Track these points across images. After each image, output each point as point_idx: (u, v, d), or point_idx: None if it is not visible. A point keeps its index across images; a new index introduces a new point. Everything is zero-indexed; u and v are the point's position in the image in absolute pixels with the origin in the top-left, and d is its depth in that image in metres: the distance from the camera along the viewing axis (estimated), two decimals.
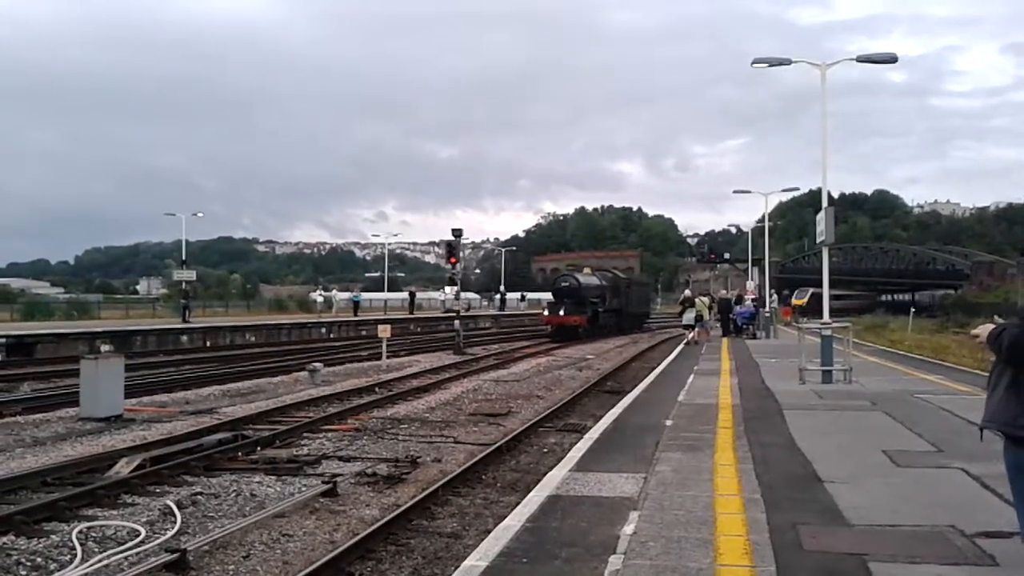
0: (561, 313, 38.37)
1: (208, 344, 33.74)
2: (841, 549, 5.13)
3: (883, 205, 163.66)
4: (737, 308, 35.36)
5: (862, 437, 9.42)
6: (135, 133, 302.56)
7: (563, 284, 40.79)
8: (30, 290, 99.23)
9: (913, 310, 51.71)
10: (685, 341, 30.19)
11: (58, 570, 6.58)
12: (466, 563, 5.00)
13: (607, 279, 44.26)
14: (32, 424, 13.56)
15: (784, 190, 50.92)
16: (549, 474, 7.80)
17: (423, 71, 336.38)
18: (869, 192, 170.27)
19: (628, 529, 5.60)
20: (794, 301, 78.25)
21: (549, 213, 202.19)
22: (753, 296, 37.61)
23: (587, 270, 44.60)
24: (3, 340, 25.99)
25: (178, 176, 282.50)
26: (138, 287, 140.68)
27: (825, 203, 17.18)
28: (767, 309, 36.66)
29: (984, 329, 3.72)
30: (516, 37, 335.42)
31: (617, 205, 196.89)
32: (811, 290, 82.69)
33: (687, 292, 37.30)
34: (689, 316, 31.43)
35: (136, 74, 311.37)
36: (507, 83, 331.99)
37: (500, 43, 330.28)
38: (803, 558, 4.96)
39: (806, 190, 79.77)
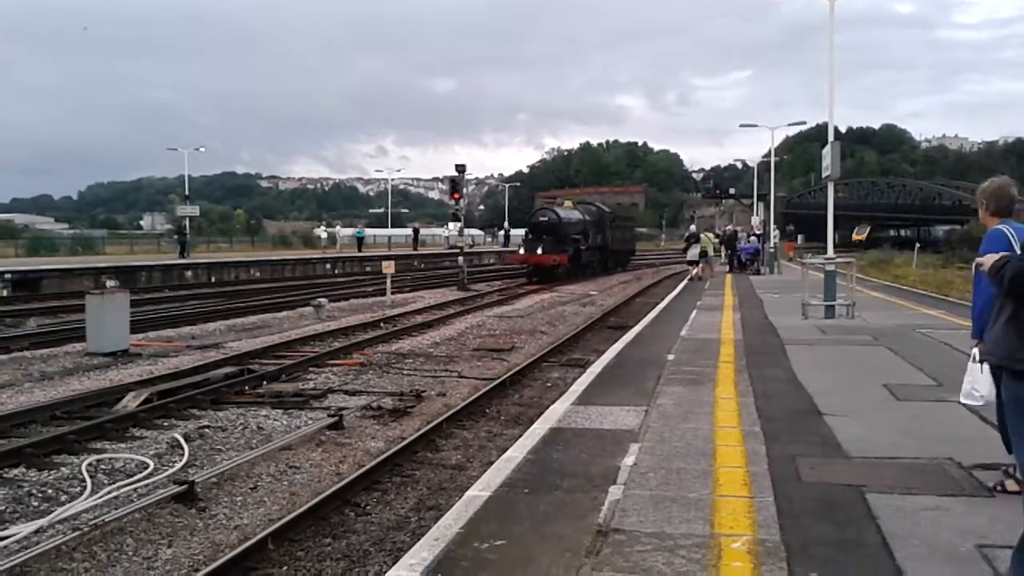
0: (539, 252, 34.59)
1: (213, 280, 33.85)
2: (839, 481, 5.19)
3: (890, 140, 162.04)
4: (741, 244, 35.26)
5: (863, 371, 9.47)
6: (132, 69, 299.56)
7: (541, 219, 36.65)
8: (34, 225, 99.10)
9: (918, 245, 51.57)
10: (689, 277, 30.13)
11: (68, 501, 6.71)
12: (469, 493, 5.07)
13: (591, 213, 40.57)
14: (39, 359, 13.69)
15: (791, 124, 50.67)
16: (551, 407, 7.87)
17: (421, 6, 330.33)
18: (877, 127, 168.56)
19: (628, 460, 5.67)
20: (855, 236, 78.38)
21: (553, 148, 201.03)
22: (758, 231, 37.42)
23: (567, 203, 41.34)
24: (8, 276, 26.09)
25: (178, 112, 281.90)
26: (142, 222, 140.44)
27: (832, 137, 16.96)
28: (772, 244, 36.51)
29: (988, 259, 3.68)
30: None
31: (622, 140, 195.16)
32: (869, 226, 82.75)
33: (692, 228, 37.02)
34: (693, 252, 31.30)
35: (130, 9, 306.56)
36: (505, 18, 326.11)
37: None
38: (801, 489, 5.03)
39: (813, 124, 78.88)
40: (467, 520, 4.53)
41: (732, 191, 58.18)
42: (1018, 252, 4.41)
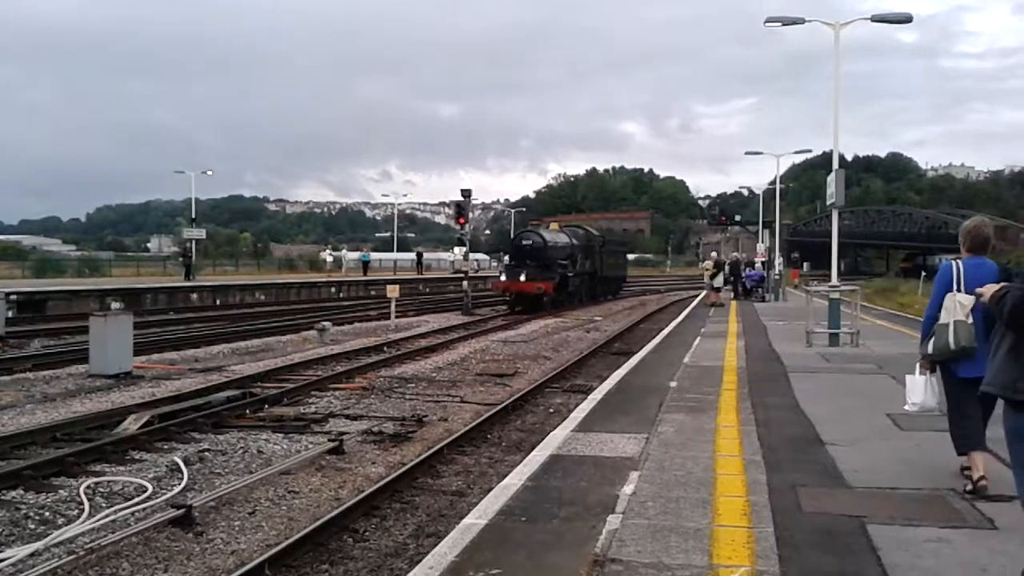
0: (522, 279, 31.02)
1: (218, 302, 33.91)
2: (840, 511, 5.15)
3: (896, 168, 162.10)
4: (747, 271, 35.24)
5: (866, 400, 9.41)
6: (139, 91, 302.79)
7: (524, 242, 33.10)
8: (42, 247, 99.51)
9: (924, 273, 51.47)
10: (711, 303, 29.84)
11: (66, 524, 6.67)
12: (465, 521, 5.04)
13: (578, 237, 36.95)
14: (42, 380, 13.69)
15: (796, 152, 50.74)
16: (551, 434, 7.84)
17: (424, 30, 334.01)
18: (883, 155, 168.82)
19: (628, 489, 5.63)
20: (900, 264, 79.29)
21: (560, 174, 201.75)
22: (762, 259, 37.41)
23: (554, 226, 38.14)
24: (15, 297, 26.13)
25: (183, 135, 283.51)
26: (149, 245, 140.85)
27: (836, 164, 17.00)
28: (776, 272, 36.48)
29: (988, 290, 3.69)
30: None
31: (628, 167, 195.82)
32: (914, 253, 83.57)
33: (713, 254, 36.77)
34: (719, 280, 31.37)
35: (136, 31, 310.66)
36: (508, 43, 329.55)
37: (501, 2, 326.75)
38: (801, 519, 4.98)
39: (819, 152, 79.21)
40: (462, 548, 4.49)
41: (738, 218, 58.07)
42: (961, 285, 5.50)
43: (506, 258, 37.76)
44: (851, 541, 4.58)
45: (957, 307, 5.53)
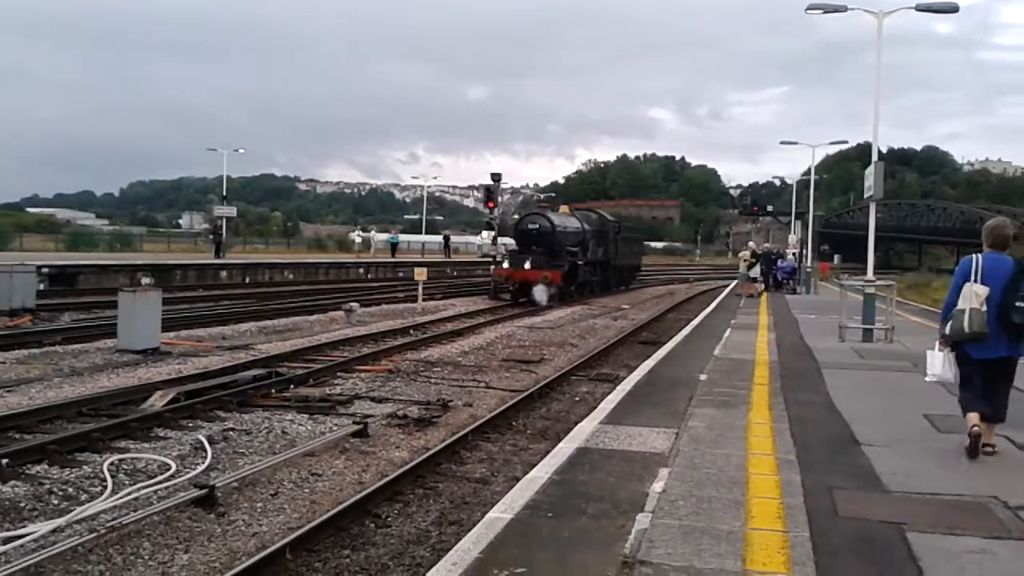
0: (526, 266, 27.73)
1: (247, 280, 34.08)
2: (878, 517, 4.96)
3: (932, 162, 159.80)
4: (779, 262, 34.79)
5: (903, 399, 9.16)
6: (173, 70, 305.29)
7: (531, 226, 29.41)
8: (75, 221, 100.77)
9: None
10: (748, 294, 29.51)
11: (88, 500, 6.65)
12: (490, 515, 4.91)
13: (591, 222, 33.36)
14: (71, 354, 13.76)
15: (832, 143, 49.98)
16: (579, 425, 7.69)
17: (453, 13, 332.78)
18: (918, 148, 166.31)
19: (658, 487, 5.47)
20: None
21: (590, 160, 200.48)
22: (794, 250, 36.92)
23: (564, 208, 34.10)
24: (46, 270, 26.38)
25: (215, 114, 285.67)
26: (181, 221, 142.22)
27: (876, 156, 16.64)
28: (808, 264, 35.99)
29: None
30: None
31: (659, 154, 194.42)
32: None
33: (751, 244, 36.20)
34: (756, 270, 30.97)
35: (172, 11, 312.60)
36: (537, 26, 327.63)
37: None
38: (838, 524, 4.80)
39: (853, 144, 78.05)
40: (487, 544, 4.36)
41: (770, 208, 57.41)
42: (979, 277, 6.26)
43: (504, 240, 35.26)
44: (890, 550, 4.39)
45: (973, 296, 6.21)
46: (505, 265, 29.28)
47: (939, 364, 6.63)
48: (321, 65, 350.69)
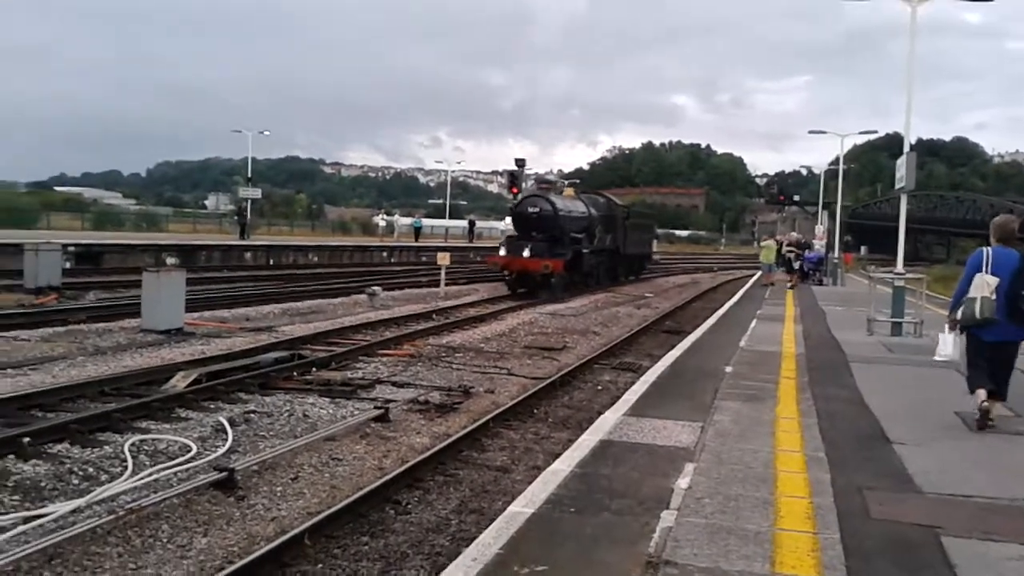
0: (525, 254, 24.72)
1: (271, 262, 34.17)
2: (911, 519, 4.81)
3: (961, 153, 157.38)
4: (806, 253, 34.35)
5: (934, 396, 8.95)
6: (199, 51, 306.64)
7: (531, 209, 26.01)
8: (102, 200, 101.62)
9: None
10: (789, 285, 29.19)
11: (108, 481, 6.63)
12: (511, 508, 4.81)
13: (598, 206, 30.30)
14: (95, 333, 13.82)
15: (861, 132, 49.26)
16: (602, 416, 7.58)
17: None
18: (947, 139, 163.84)
19: (683, 483, 5.35)
20: None
21: (615, 147, 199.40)
22: (822, 240, 36.45)
23: (568, 191, 30.94)
24: (72, 248, 26.56)
25: (241, 96, 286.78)
26: (206, 202, 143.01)
27: (908, 147, 16.30)
28: (835, 255, 35.52)
29: None
30: None
31: (685, 142, 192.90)
32: None
33: (793, 234, 35.72)
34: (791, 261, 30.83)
35: None
36: (559, 12, 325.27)
37: None
38: (869, 526, 4.66)
39: (881, 134, 76.95)
40: (507, 540, 4.26)
41: (796, 198, 56.62)
42: (989, 267, 6.87)
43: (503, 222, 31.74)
44: (925, 555, 4.25)
45: (984, 285, 6.84)
46: (502, 252, 25.89)
47: (950, 346, 7.69)
48: (344, 48, 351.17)
